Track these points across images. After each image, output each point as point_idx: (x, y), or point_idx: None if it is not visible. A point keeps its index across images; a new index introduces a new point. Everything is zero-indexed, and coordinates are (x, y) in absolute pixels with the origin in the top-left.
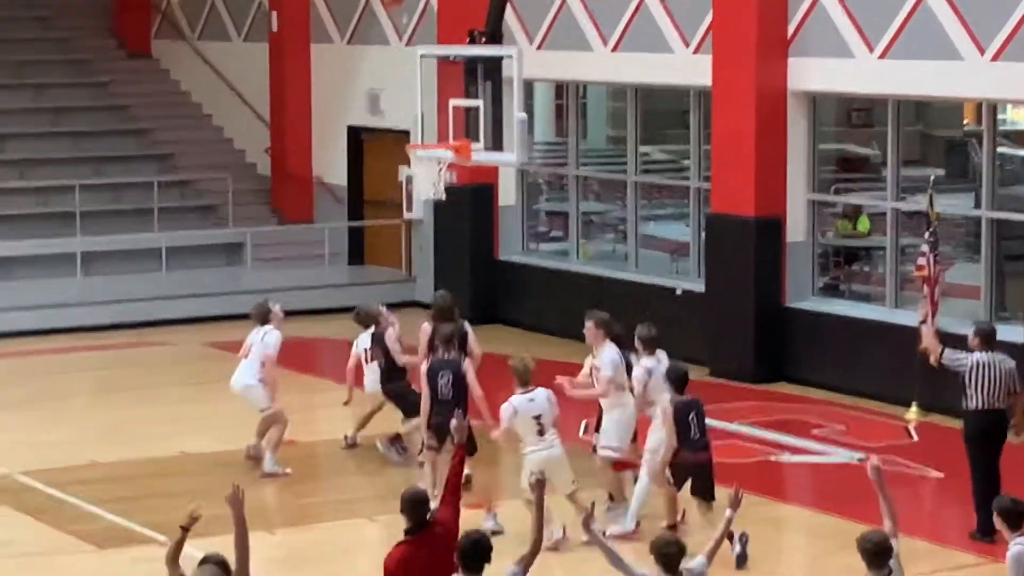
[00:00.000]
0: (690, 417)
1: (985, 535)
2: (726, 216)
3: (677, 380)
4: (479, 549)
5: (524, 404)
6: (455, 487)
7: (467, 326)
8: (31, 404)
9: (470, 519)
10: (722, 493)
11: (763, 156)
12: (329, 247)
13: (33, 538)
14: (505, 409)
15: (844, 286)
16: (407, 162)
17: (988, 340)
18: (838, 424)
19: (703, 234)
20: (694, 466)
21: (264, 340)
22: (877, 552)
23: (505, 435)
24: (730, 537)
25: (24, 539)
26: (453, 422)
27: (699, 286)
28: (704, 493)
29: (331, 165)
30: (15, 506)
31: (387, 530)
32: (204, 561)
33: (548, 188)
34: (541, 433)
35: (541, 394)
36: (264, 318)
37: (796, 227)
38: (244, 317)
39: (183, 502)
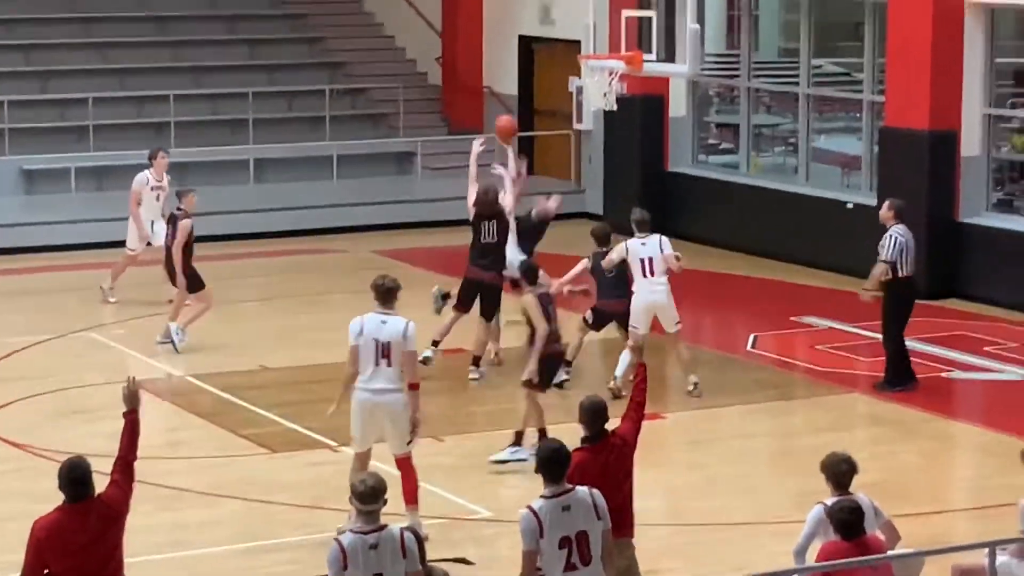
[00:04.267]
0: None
1: None
2: (900, 130)
3: (602, 237)
4: (559, 457)
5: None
6: (639, 404)
7: None
8: None
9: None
10: None
11: (939, 69)
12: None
13: (207, 440)
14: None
15: (1019, 202)
16: (578, 72)
17: None
18: (1011, 341)
19: (875, 147)
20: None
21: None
22: None
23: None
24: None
25: (198, 441)
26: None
27: (870, 200)
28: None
29: (502, 75)
30: (188, 408)
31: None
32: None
33: (719, 100)
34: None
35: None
36: None
37: (971, 141)
38: (414, 226)
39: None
